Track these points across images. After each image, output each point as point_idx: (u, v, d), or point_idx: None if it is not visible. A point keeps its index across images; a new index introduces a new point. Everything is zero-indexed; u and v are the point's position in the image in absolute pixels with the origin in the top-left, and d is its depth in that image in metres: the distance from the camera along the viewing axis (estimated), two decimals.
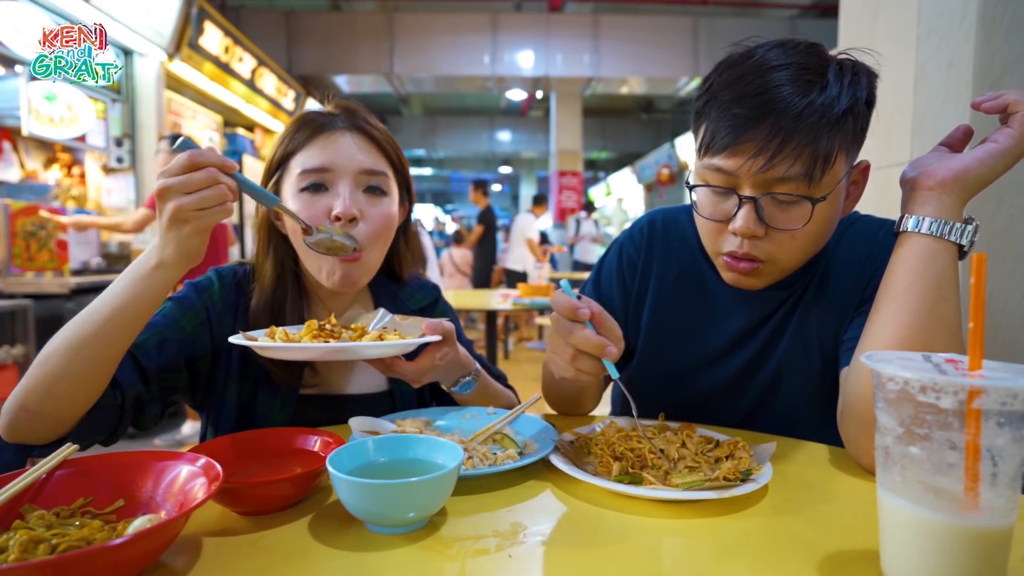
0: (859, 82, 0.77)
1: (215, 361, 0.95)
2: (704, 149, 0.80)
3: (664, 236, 1.04)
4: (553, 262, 7.90)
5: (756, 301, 0.94)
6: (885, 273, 0.78)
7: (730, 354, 0.96)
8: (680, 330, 1.00)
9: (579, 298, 0.70)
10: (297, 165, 0.93)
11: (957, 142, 0.82)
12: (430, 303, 1.13)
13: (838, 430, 0.81)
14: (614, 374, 0.72)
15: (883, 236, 0.91)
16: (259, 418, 0.96)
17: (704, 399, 0.98)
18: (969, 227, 0.74)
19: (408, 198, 1.05)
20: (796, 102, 0.73)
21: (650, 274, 1.03)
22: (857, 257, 0.91)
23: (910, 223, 0.76)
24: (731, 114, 0.76)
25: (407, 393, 1.06)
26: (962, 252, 0.76)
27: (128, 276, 0.73)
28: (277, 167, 0.96)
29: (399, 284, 1.11)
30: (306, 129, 0.94)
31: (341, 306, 1.03)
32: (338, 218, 0.90)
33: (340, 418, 0.96)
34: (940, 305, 0.73)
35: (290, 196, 0.93)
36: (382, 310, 0.95)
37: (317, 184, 0.92)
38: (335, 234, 0.88)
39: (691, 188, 0.85)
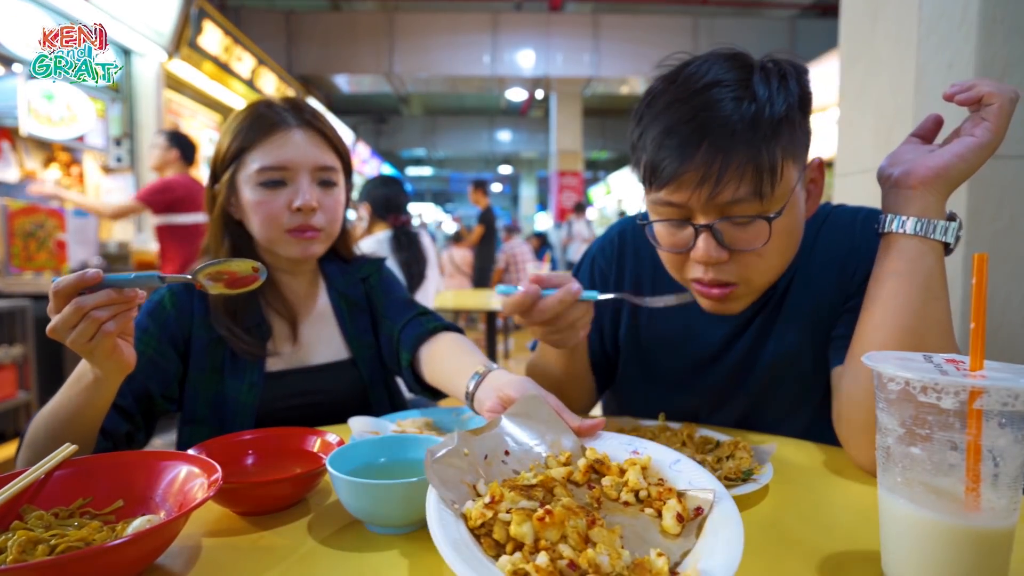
0: (787, 85, 0.74)
1: (185, 364, 1.01)
2: (648, 183, 0.78)
3: (635, 246, 1.03)
4: (553, 263, 7.90)
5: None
6: (872, 275, 0.77)
7: (716, 362, 0.95)
8: (662, 339, 0.99)
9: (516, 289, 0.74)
10: (254, 161, 0.99)
11: (928, 132, 0.81)
12: (374, 270, 1.21)
13: (834, 430, 0.80)
14: (595, 296, 0.76)
15: (860, 226, 0.90)
16: (229, 402, 1.00)
17: (695, 406, 0.98)
18: (953, 224, 0.73)
19: (348, 183, 1.13)
20: (727, 121, 0.71)
21: (623, 285, 1.02)
22: (838, 252, 0.89)
23: (894, 224, 0.74)
24: (666, 146, 0.74)
25: (369, 361, 1.12)
26: (948, 249, 0.75)
27: (76, 385, 0.76)
28: (233, 159, 1.01)
29: (346, 262, 1.20)
30: (258, 125, 1.00)
31: (299, 284, 1.11)
32: (299, 209, 0.98)
33: (310, 388, 1.04)
34: (930, 305, 0.72)
35: (248, 187, 1.00)
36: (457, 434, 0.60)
37: (277, 180, 0.99)
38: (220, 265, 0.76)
39: (644, 224, 0.83)
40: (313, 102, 8.49)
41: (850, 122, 1.95)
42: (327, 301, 1.14)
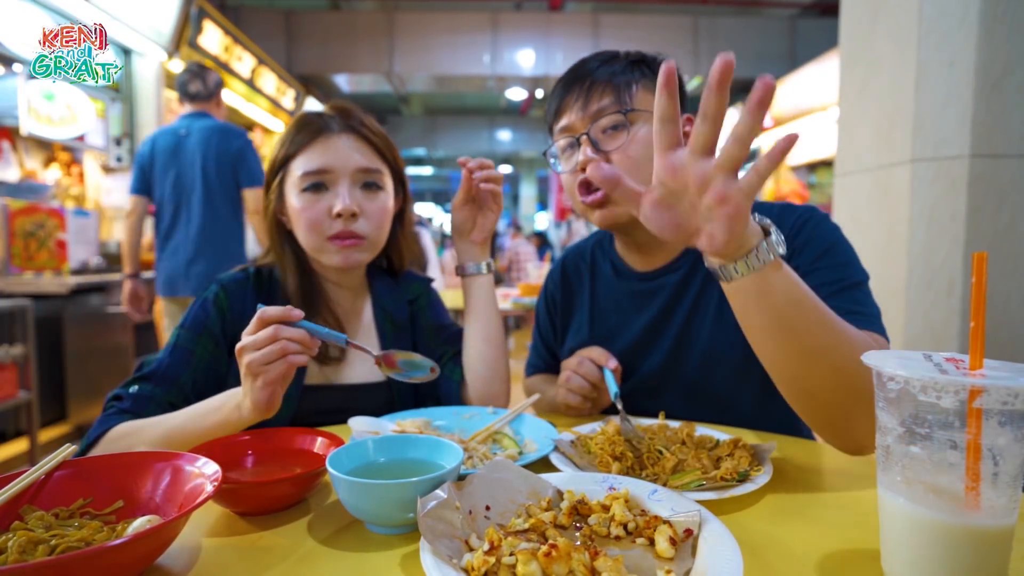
0: (646, 55, 1.00)
1: (229, 361, 1.01)
2: (549, 126, 1.04)
3: (575, 268, 1.19)
4: (553, 262, 7.91)
5: (651, 292, 1.04)
6: (741, 323, 0.68)
7: (650, 344, 1.03)
8: (602, 334, 1.09)
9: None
10: (298, 167, 1.00)
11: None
12: (422, 291, 1.21)
13: (790, 419, 0.82)
14: (613, 389, 0.90)
15: (775, 218, 0.82)
16: None
17: (645, 388, 1.03)
18: (772, 235, 0.61)
19: (403, 191, 1.12)
20: (594, 66, 0.98)
21: (572, 303, 1.18)
22: None
23: (724, 274, 0.63)
24: (556, 89, 1.02)
25: (403, 385, 1.09)
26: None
27: (215, 414, 0.80)
28: (280, 168, 1.03)
29: (395, 277, 1.19)
30: (305, 132, 1.01)
31: (344, 296, 1.11)
32: (339, 215, 0.97)
33: (341, 407, 1.02)
34: (804, 322, 0.63)
35: (293, 194, 1.01)
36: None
37: (318, 184, 1.00)
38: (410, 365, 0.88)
39: (545, 154, 1.04)
40: (313, 102, 8.40)
41: (850, 122, 1.95)
42: (371, 318, 1.13)
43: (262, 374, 0.72)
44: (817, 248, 0.89)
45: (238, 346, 0.75)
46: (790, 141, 0.53)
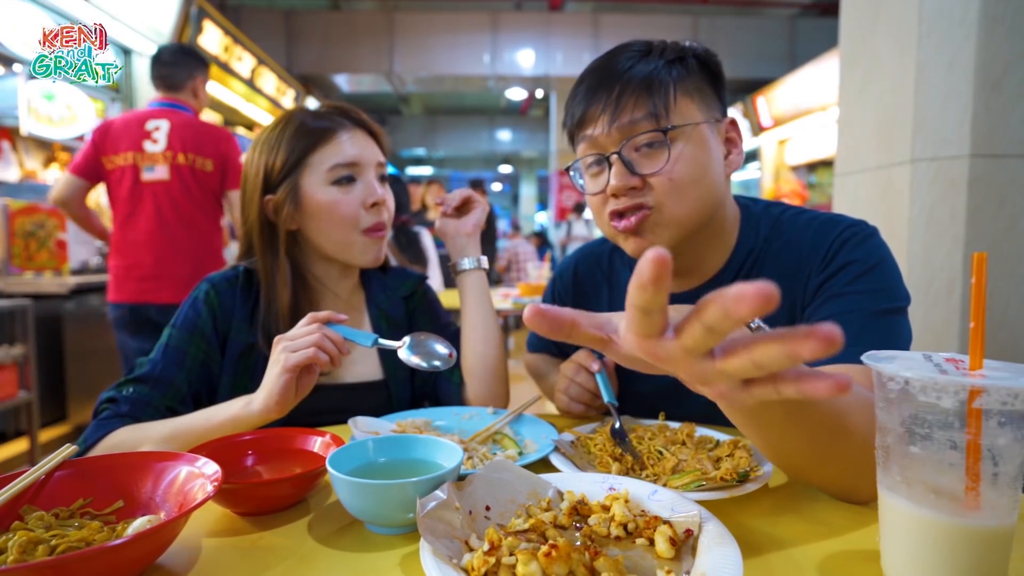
0: (684, 47, 0.85)
1: (222, 359, 1.00)
2: (570, 134, 0.90)
3: (589, 275, 1.12)
4: (553, 262, 7.91)
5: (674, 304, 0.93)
6: (737, 426, 0.58)
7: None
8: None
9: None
10: (323, 161, 0.99)
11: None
12: (417, 289, 1.20)
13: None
14: (606, 397, 0.89)
15: (812, 235, 0.87)
16: None
17: (660, 395, 0.97)
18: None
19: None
20: (626, 65, 0.83)
21: (587, 307, 1.07)
22: (787, 261, 0.87)
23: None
24: (578, 92, 0.87)
25: (401, 382, 1.10)
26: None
27: (220, 413, 0.82)
28: (292, 168, 0.99)
29: (386, 273, 1.18)
30: (315, 131, 1.00)
31: (339, 293, 1.09)
32: (375, 204, 1.01)
33: (340, 407, 1.02)
34: (808, 432, 0.58)
35: (318, 189, 0.99)
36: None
37: (349, 177, 1.00)
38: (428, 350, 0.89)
39: (568, 169, 0.91)
40: (312, 102, 8.45)
41: (850, 122, 1.95)
42: (367, 317, 1.12)
43: (288, 358, 0.77)
44: (855, 270, 0.82)
45: (277, 336, 0.79)
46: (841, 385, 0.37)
